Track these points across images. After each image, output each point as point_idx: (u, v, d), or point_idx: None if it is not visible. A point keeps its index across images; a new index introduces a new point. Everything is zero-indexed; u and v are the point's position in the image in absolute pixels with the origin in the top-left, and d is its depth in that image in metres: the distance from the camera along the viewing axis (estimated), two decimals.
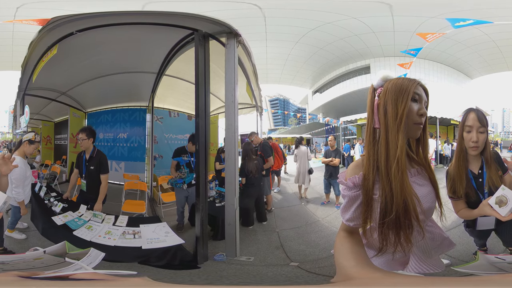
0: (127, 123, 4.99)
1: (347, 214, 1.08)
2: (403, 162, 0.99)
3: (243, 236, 3.96)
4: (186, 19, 3.37)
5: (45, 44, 3.80)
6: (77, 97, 4.98)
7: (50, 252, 0.92)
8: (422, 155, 1.14)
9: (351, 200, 1.06)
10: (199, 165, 3.10)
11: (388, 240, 1.00)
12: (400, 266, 1.14)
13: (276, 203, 5.63)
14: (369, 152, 1.06)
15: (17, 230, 3.52)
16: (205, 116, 3.13)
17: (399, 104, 1.02)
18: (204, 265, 3.05)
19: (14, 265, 0.86)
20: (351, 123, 8.94)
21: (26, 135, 3.41)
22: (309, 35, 7.14)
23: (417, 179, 1.10)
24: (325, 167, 5.54)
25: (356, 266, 0.83)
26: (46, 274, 0.61)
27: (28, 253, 0.92)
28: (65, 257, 0.90)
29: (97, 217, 3.62)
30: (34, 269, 0.85)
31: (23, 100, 4.72)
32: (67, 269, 0.84)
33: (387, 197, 0.98)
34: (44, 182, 4.58)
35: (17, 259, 0.88)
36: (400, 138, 1.00)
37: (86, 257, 0.95)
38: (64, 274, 0.61)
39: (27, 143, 3.36)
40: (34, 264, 0.88)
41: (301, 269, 3.09)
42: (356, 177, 1.04)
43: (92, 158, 3.67)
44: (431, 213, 1.12)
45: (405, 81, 1.06)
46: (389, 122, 1.02)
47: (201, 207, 3.13)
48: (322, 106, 10.52)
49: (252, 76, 5.22)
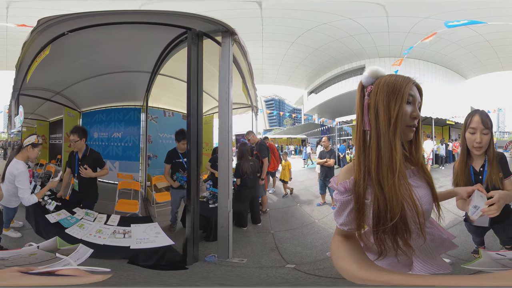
0: (122, 123, 4.98)
1: (340, 219, 1.04)
2: (402, 169, 0.93)
3: (236, 238, 3.92)
4: (181, 18, 3.36)
5: (38, 44, 3.78)
6: (71, 96, 4.97)
7: (43, 247, 0.94)
8: (416, 157, 1.07)
9: (343, 205, 1.02)
10: (191, 166, 3.09)
11: (386, 245, 0.95)
12: (405, 268, 1.08)
13: (271, 204, 5.62)
14: (359, 156, 0.99)
15: (12, 228, 3.52)
16: (197, 115, 3.11)
17: (392, 107, 0.94)
18: (193, 266, 3.00)
19: (13, 260, 0.88)
20: (346, 123, 8.95)
21: (28, 139, 3.28)
22: (305, 35, 7.15)
23: (413, 181, 1.04)
24: (320, 168, 5.54)
25: (359, 270, 0.81)
26: (39, 269, 0.64)
27: (24, 248, 0.93)
28: (56, 253, 0.91)
29: (90, 216, 3.62)
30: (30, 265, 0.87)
31: (17, 100, 4.71)
32: (57, 264, 0.86)
33: (380, 204, 0.92)
34: (38, 181, 4.58)
35: (15, 254, 0.89)
36: (398, 145, 0.94)
37: (74, 253, 0.95)
38: (52, 270, 0.63)
39: (30, 147, 3.26)
40: (29, 260, 0.89)
41: (298, 271, 3.03)
42: (347, 182, 0.99)
43: (85, 157, 3.65)
44: (428, 215, 1.07)
45: (398, 80, 0.98)
46: (381, 126, 0.95)
47: (192, 208, 3.11)
48: (318, 107, 10.53)
49: (248, 76, 5.21)
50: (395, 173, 0.91)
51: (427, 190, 1.05)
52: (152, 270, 2.95)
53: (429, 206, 1.04)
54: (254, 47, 7.34)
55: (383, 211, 0.91)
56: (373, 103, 0.98)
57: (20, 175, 3.11)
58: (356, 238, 1.04)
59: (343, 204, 1.02)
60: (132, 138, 4.97)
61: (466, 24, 5.82)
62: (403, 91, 0.95)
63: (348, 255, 0.91)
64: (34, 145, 3.30)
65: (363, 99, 1.02)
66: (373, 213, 0.94)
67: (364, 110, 1.00)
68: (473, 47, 7.91)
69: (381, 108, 0.96)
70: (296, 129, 13.27)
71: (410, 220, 0.92)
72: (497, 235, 2.36)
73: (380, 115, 0.96)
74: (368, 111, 0.99)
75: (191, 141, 3.08)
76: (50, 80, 4.63)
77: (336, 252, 0.97)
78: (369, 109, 0.99)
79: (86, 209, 3.64)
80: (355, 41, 7.57)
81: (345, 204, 1.01)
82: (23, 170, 3.15)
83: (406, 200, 0.92)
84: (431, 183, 1.08)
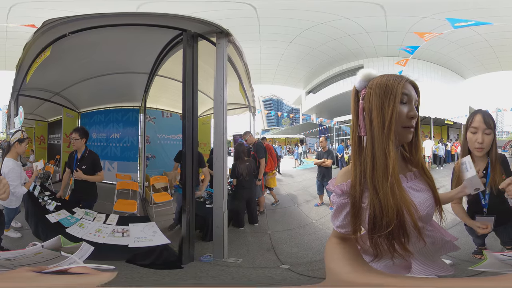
0: (120, 123, 5.02)
1: (337, 221, 1.02)
2: (396, 176, 0.91)
3: (233, 238, 3.95)
4: (177, 20, 3.38)
5: (39, 46, 3.81)
6: (70, 97, 5.01)
7: (47, 246, 0.94)
8: (416, 158, 1.04)
9: (339, 208, 1.01)
10: (186, 165, 3.11)
11: (382, 249, 0.92)
12: (403, 270, 1.06)
13: (268, 204, 5.63)
14: (355, 161, 0.97)
15: (12, 228, 3.57)
16: (193, 117, 3.13)
17: (385, 109, 0.91)
18: (188, 265, 3.02)
19: (20, 260, 0.89)
20: (344, 123, 8.96)
21: (14, 136, 3.41)
22: (302, 35, 7.16)
23: (414, 184, 1.02)
24: (318, 168, 5.54)
25: (352, 272, 0.79)
26: (51, 268, 0.67)
27: (28, 248, 0.92)
28: (61, 251, 0.92)
29: (89, 216, 3.67)
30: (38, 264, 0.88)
31: (17, 100, 4.75)
32: (64, 263, 0.87)
33: (375, 210, 0.90)
34: (38, 182, 4.61)
35: (20, 254, 0.89)
36: (392, 149, 0.90)
37: (78, 251, 0.96)
38: (63, 268, 0.67)
39: (17, 144, 3.38)
40: (36, 259, 0.90)
41: (292, 272, 3.03)
42: (344, 185, 0.98)
43: (83, 158, 3.69)
44: (429, 219, 1.04)
45: (390, 79, 0.94)
46: (375, 131, 0.92)
47: (188, 208, 3.14)
48: (316, 107, 10.54)
49: (244, 76, 5.22)
50: (388, 178, 0.89)
51: (428, 193, 1.02)
52: (149, 269, 2.98)
53: (430, 210, 1.01)
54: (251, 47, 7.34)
55: (379, 216, 0.89)
56: (367, 107, 0.95)
57: (10, 172, 3.20)
58: (353, 240, 1.02)
59: (339, 207, 1.01)
60: (130, 139, 5.01)
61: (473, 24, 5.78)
62: (395, 90, 0.92)
63: (343, 257, 0.89)
64: (20, 140, 3.39)
65: (357, 104, 0.99)
66: (369, 218, 0.92)
67: (359, 116, 0.98)
68: (472, 46, 7.90)
69: (375, 112, 0.93)
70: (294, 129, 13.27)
71: (408, 224, 0.90)
72: (498, 236, 2.32)
73: (374, 119, 0.93)
74: (364, 116, 0.96)
75: (187, 142, 3.10)
76: (49, 80, 4.66)
77: (330, 253, 0.95)
78: (364, 113, 0.96)
79: (85, 209, 3.68)
80: (353, 41, 7.57)
81: (341, 206, 1.00)
82: (12, 167, 3.24)
83: (402, 205, 0.89)
84: (432, 186, 1.05)
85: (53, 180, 4.93)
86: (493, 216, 2.12)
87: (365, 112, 0.96)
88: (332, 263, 0.88)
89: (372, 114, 0.93)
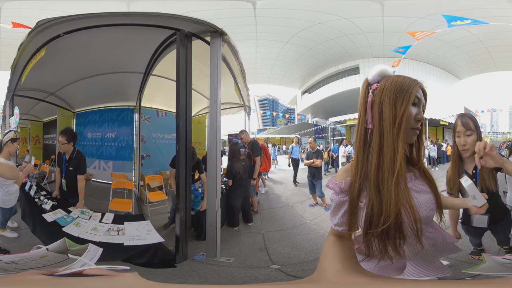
0: (115, 123, 5.01)
1: (335, 219, 1.02)
2: (403, 172, 0.91)
3: (227, 237, 3.96)
4: (171, 19, 3.39)
5: (33, 46, 3.82)
6: (65, 97, 5.01)
7: (52, 249, 0.93)
8: (416, 159, 1.05)
9: (338, 206, 1.01)
10: (180, 165, 3.12)
11: (374, 249, 0.93)
12: (396, 271, 1.05)
13: (263, 204, 5.64)
14: (358, 156, 0.97)
15: (9, 229, 3.57)
16: (186, 116, 3.14)
17: (398, 106, 0.92)
18: (182, 264, 3.03)
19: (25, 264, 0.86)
20: (340, 123, 8.97)
21: (6, 136, 3.41)
22: (299, 35, 7.15)
23: (415, 185, 1.01)
24: (308, 169, 5.59)
25: (341, 271, 0.78)
26: (63, 271, 0.63)
27: (33, 251, 0.92)
28: (68, 254, 0.92)
29: (85, 214, 3.68)
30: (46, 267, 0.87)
31: (12, 100, 4.74)
32: (74, 265, 0.85)
33: (373, 208, 0.90)
34: (34, 182, 4.61)
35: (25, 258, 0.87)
36: (401, 145, 0.91)
37: (86, 253, 0.95)
38: (76, 271, 0.63)
39: (10, 143, 3.38)
40: (43, 262, 0.88)
41: (280, 272, 3.02)
42: (343, 183, 0.98)
43: (71, 159, 3.71)
44: (429, 221, 1.04)
45: (406, 81, 0.96)
46: (385, 125, 0.92)
47: (181, 207, 3.15)
48: (311, 107, 10.52)
49: (240, 75, 5.23)
50: (395, 174, 0.89)
51: (429, 195, 1.02)
52: (144, 268, 2.99)
53: (430, 212, 1.01)
54: (247, 46, 7.35)
55: (376, 215, 0.89)
56: (377, 101, 0.96)
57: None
58: (350, 239, 1.03)
59: (338, 205, 1.01)
60: (125, 138, 5.01)
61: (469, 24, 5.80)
62: (410, 91, 0.93)
63: (337, 255, 0.88)
64: (13, 140, 3.40)
65: (367, 96, 0.99)
66: (366, 216, 0.92)
67: (367, 107, 0.98)
68: (467, 47, 7.93)
69: (387, 107, 0.93)
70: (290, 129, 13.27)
71: (406, 226, 0.89)
72: (494, 236, 2.38)
73: (385, 113, 0.93)
74: (372, 109, 0.97)
75: (180, 141, 3.11)
76: (44, 81, 4.66)
77: (326, 251, 0.94)
78: (373, 106, 0.97)
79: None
80: (349, 41, 7.58)
81: (340, 204, 1.00)
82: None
83: (404, 205, 0.89)
84: (434, 188, 1.04)
85: (48, 180, 4.93)
86: (486, 215, 2.20)
87: (373, 105, 0.97)
88: (325, 260, 0.88)
89: (383, 108, 0.94)
